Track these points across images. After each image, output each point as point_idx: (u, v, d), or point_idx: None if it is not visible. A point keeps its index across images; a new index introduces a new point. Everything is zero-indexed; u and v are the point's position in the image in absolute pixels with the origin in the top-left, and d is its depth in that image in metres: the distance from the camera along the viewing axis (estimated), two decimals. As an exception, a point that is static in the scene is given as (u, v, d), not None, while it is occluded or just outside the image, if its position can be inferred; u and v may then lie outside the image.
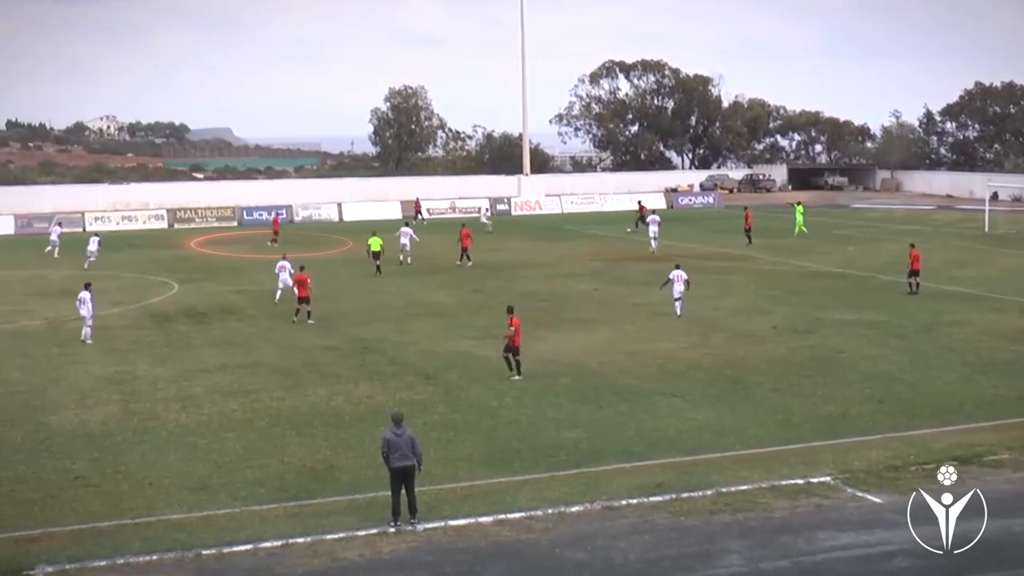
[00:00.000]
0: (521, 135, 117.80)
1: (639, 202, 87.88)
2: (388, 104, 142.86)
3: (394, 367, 36.14)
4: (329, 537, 21.20)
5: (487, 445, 27.39)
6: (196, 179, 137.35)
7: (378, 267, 59.76)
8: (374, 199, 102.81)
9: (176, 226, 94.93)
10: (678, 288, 44.37)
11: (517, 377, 34.03)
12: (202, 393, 33.01)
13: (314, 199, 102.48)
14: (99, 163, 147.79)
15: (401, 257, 64.08)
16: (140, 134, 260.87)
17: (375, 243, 60.71)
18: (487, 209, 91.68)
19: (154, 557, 20.43)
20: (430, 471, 24.31)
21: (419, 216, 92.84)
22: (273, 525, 21.99)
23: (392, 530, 21.42)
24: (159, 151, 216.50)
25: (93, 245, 64.70)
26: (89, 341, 40.74)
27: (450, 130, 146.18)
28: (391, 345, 39.67)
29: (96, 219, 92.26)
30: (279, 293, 49.86)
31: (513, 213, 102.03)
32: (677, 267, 45.76)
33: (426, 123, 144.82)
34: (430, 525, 21.67)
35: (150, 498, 23.86)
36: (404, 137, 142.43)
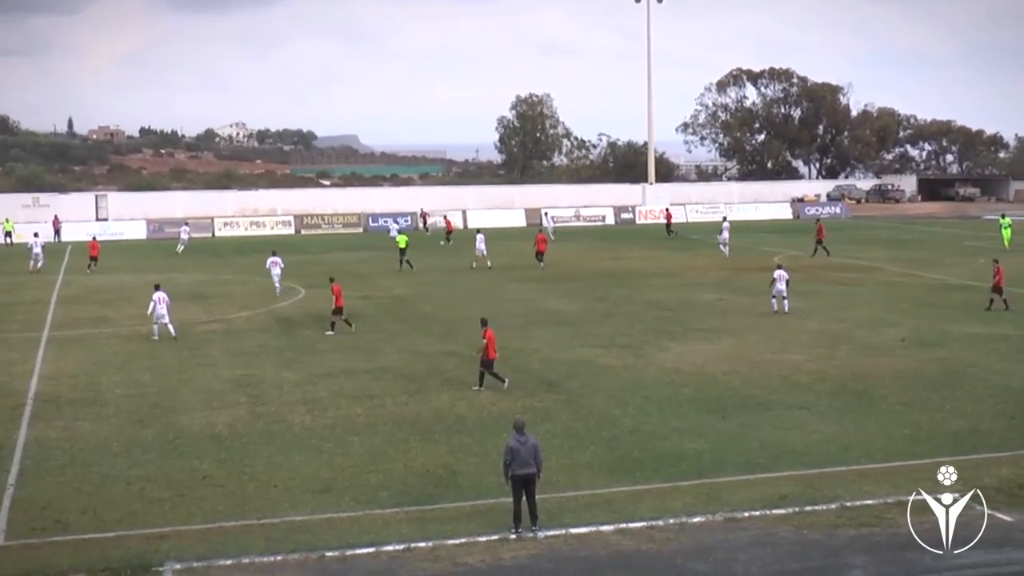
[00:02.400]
0: (646, 144, 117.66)
1: (666, 210, 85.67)
2: (514, 112, 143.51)
3: (516, 374, 36.20)
4: (450, 542, 21.32)
5: (609, 454, 27.35)
6: (323, 186, 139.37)
7: (406, 262, 65.45)
8: (498, 207, 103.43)
9: (303, 232, 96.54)
10: (779, 287, 46.98)
11: (477, 388, 33.97)
12: (327, 397, 33.47)
13: (439, 206, 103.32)
14: (228, 169, 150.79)
15: (475, 264, 66.63)
16: (268, 141, 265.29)
17: (402, 240, 67.34)
18: (552, 218, 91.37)
19: (278, 558, 20.74)
20: (551, 478, 24.37)
21: (426, 227, 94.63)
22: (395, 528, 22.19)
23: (513, 537, 21.49)
24: (287, 158, 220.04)
25: (184, 235, 65.78)
26: (155, 338, 42.76)
27: (575, 138, 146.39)
28: (513, 352, 39.72)
29: (225, 224, 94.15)
30: (278, 288, 54.80)
31: (637, 222, 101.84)
32: (779, 267, 48.22)
33: (551, 131, 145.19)
34: (551, 532, 21.69)
35: (275, 499, 24.25)
36: (529, 145, 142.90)
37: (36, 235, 72.69)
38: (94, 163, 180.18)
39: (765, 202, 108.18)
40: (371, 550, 21.01)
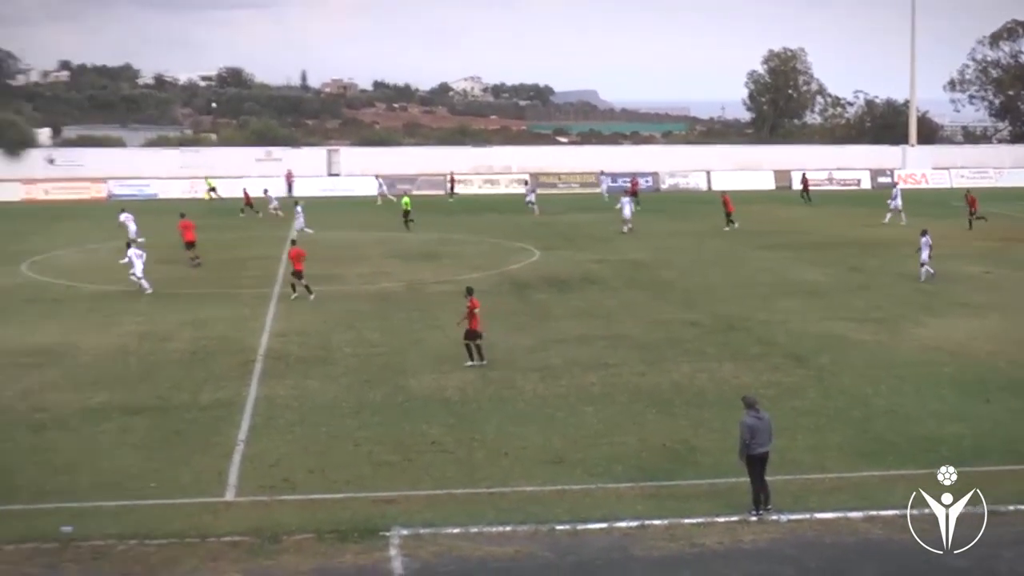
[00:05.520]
0: (907, 102, 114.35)
1: (724, 197, 72.35)
2: (765, 67, 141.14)
3: (761, 347, 35.88)
4: (687, 521, 21.29)
5: (860, 435, 26.82)
6: (560, 143, 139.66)
7: (407, 223, 68.59)
8: (745, 168, 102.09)
9: (538, 191, 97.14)
10: (924, 254, 47.83)
11: (470, 363, 33.40)
12: (560, 364, 33.71)
13: (681, 166, 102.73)
14: (463, 125, 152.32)
15: (625, 228, 66.14)
16: (504, 96, 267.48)
17: (406, 203, 70.67)
18: (531, 188, 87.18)
19: (508, 528, 21.04)
20: (796, 459, 24.15)
21: (452, 192, 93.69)
22: (629, 504, 22.26)
23: (754, 519, 21.34)
24: (523, 113, 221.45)
25: (300, 218, 66.38)
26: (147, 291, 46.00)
27: (830, 96, 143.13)
28: (758, 324, 39.37)
29: (459, 182, 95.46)
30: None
31: (897, 185, 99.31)
32: (924, 233, 48.46)
33: (804, 88, 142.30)
34: (794, 516, 21.46)
35: (505, 469, 24.58)
36: (780, 103, 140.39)
37: (266, 190, 79.41)
38: (327, 117, 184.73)
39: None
40: (604, 525, 21.14)
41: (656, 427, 27.39)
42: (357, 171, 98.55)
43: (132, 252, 47.15)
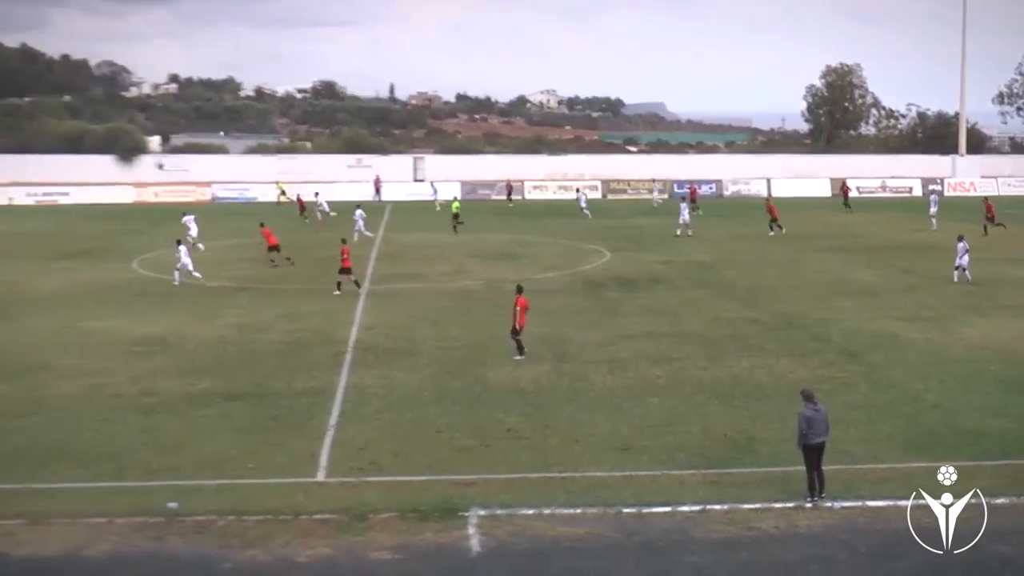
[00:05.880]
0: (957, 114, 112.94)
1: (769, 204, 71.29)
2: (823, 81, 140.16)
3: (816, 343, 35.60)
4: (745, 506, 21.20)
5: (909, 428, 26.50)
6: (629, 152, 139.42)
7: (455, 227, 67.96)
8: (802, 176, 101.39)
9: (609, 196, 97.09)
10: (962, 259, 47.06)
11: (518, 357, 33.32)
12: (628, 358, 33.65)
13: (743, 174, 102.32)
14: (538, 135, 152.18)
15: (679, 232, 65.72)
16: (578, 108, 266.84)
17: (455, 206, 71.07)
18: (581, 195, 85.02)
19: (578, 511, 21.04)
20: (849, 450, 23.95)
21: (510, 197, 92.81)
22: (691, 490, 22.19)
23: (808, 505, 21.18)
24: (595, 124, 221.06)
25: (360, 222, 65.16)
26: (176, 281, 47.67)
27: (883, 108, 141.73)
28: (815, 322, 39.07)
29: (535, 187, 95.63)
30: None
31: (945, 194, 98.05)
32: (961, 239, 47.87)
33: (859, 101, 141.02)
34: (847, 504, 21.27)
35: (576, 455, 24.57)
36: (837, 115, 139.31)
37: (317, 194, 79.34)
38: (413, 127, 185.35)
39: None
40: (667, 509, 21.10)
41: (717, 418, 27.26)
42: (441, 177, 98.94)
43: (182, 248, 48.93)
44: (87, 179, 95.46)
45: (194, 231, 61.52)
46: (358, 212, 65.84)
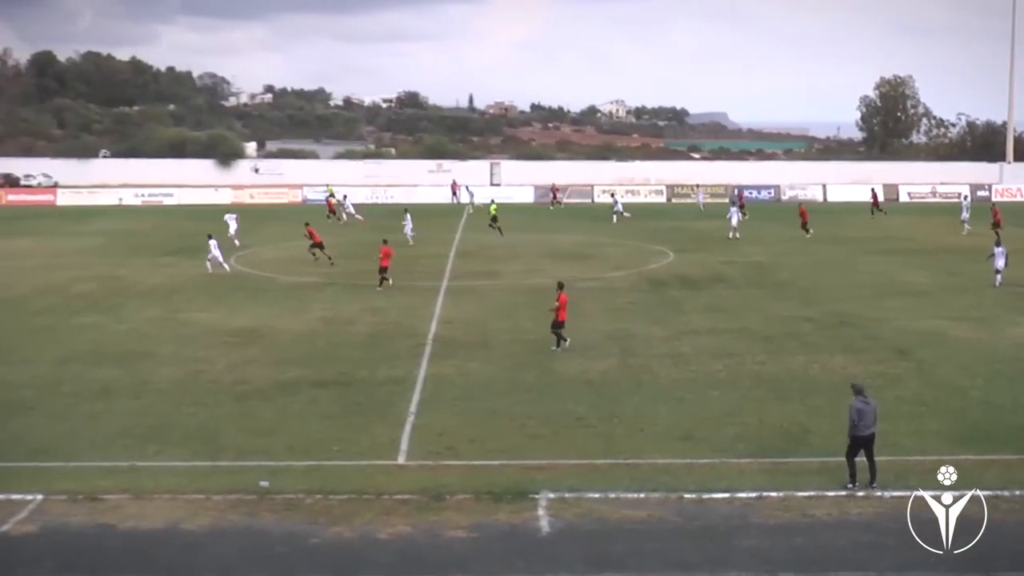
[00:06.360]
0: (1005, 123, 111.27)
1: (801, 208, 69.03)
2: (877, 92, 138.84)
3: (868, 341, 35.17)
4: (800, 494, 21.03)
5: (957, 423, 26.09)
6: (693, 159, 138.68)
7: (498, 229, 66.39)
8: (856, 182, 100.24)
9: (673, 200, 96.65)
10: (999, 263, 46.10)
11: (555, 348, 33.26)
12: (690, 353, 33.45)
13: (800, 180, 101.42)
14: (607, 142, 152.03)
15: (731, 235, 65.02)
16: (645, 117, 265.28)
17: (494, 209, 69.60)
18: (616, 199, 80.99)
19: (642, 495, 20.99)
20: (898, 442, 23.66)
21: (555, 201, 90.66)
22: (749, 478, 22.03)
23: (858, 493, 20.96)
24: (661, 132, 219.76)
25: (408, 224, 62.33)
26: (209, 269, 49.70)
27: (934, 118, 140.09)
28: (867, 320, 38.60)
29: (603, 192, 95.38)
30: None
31: (993, 199, 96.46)
32: (997, 244, 47.55)
33: (911, 111, 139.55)
34: (896, 493, 20.97)
35: (640, 443, 24.48)
36: (889, 124, 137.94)
37: (345, 196, 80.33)
38: (490, 134, 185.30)
39: None
40: (726, 495, 20.99)
41: (774, 410, 27.02)
42: (516, 181, 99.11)
43: (212, 242, 50.89)
44: (189, 182, 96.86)
45: (232, 228, 63.15)
46: (407, 215, 63.46)
